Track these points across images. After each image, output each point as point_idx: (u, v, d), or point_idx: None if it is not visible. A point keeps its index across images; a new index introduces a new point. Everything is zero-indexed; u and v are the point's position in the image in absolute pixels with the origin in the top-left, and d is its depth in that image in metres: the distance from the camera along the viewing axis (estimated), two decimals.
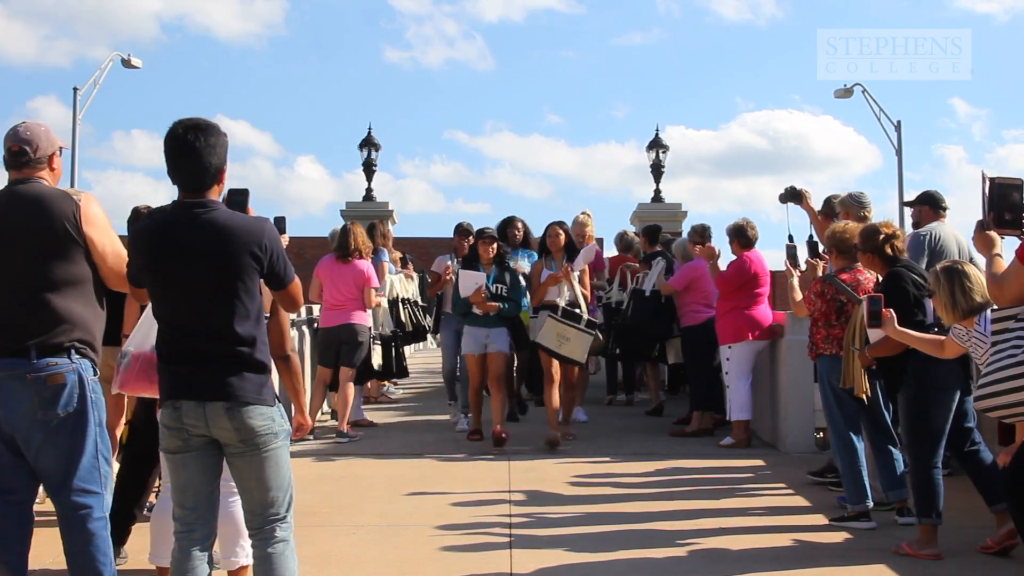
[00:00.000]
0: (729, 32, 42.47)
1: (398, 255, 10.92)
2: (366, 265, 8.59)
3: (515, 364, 9.53)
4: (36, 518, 3.87)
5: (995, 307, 4.47)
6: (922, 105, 32.54)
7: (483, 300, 7.94)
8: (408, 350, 11.96)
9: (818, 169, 43.24)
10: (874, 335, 5.33)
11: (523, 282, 8.56)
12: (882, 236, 5.42)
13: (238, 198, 4.82)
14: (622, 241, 11.16)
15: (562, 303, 7.98)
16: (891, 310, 4.97)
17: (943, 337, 4.91)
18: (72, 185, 17.55)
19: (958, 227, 7.04)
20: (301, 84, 42.93)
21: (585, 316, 8.01)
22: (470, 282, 7.97)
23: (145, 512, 4.97)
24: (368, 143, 21.83)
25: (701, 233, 9.07)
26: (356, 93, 42.82)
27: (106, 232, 3.76)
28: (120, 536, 4.59)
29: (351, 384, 8.61)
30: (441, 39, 43.50)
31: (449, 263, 9.24)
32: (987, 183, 4.34)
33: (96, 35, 44.37)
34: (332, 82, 43.11)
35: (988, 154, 42.49)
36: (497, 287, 8.07)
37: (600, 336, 8.33)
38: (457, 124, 45.80)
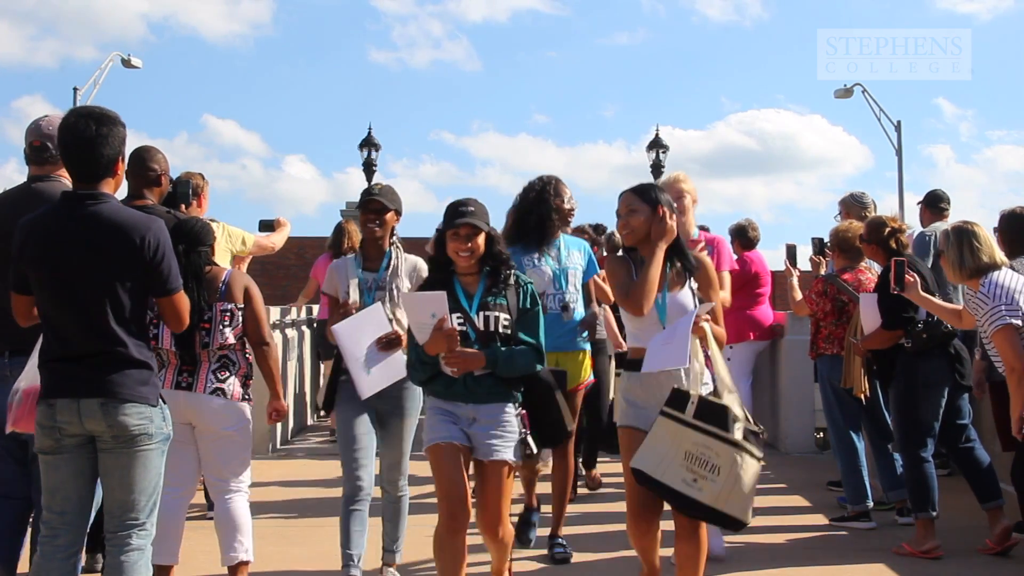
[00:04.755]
0: (714, 33, 42.54)
1: None
2: None
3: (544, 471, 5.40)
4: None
5: None
6: (909, 105, 32.56)
7: (453, 348, 3.73)
8: None
9: (808, 169, 43.28)
10: (868, 327, 5.34)
11: (559, 303, 4.96)
12: (888, 230, 5.45)
13: (182, 189, 4.64)
14: (609, 243, 9.45)
15: (693, 386, 3.62)
16: (915, 275, 4.98)
17: (960, 307, 4.91)
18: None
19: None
20: (289, 84, 42.93)
21: (739, 412, 3.54)
22: (423, 312, 3.75)
23: None
24: (368, 143, 21.93)
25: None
26: (345, 93, 42.86)
27: None
28: None
29: None
30: (427, 40, 43.54)
31: (353, 282, 4.46)
32: None
33: (83, 35, 44.25)
34: (320, 82, 43.15)
35: (976, 154, 42.52)
36: (485, 317, 3.83)
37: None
38: (443, 124, 45.78)
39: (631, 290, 3.77)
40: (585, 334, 5.07)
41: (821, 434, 8.13)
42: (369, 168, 21.91)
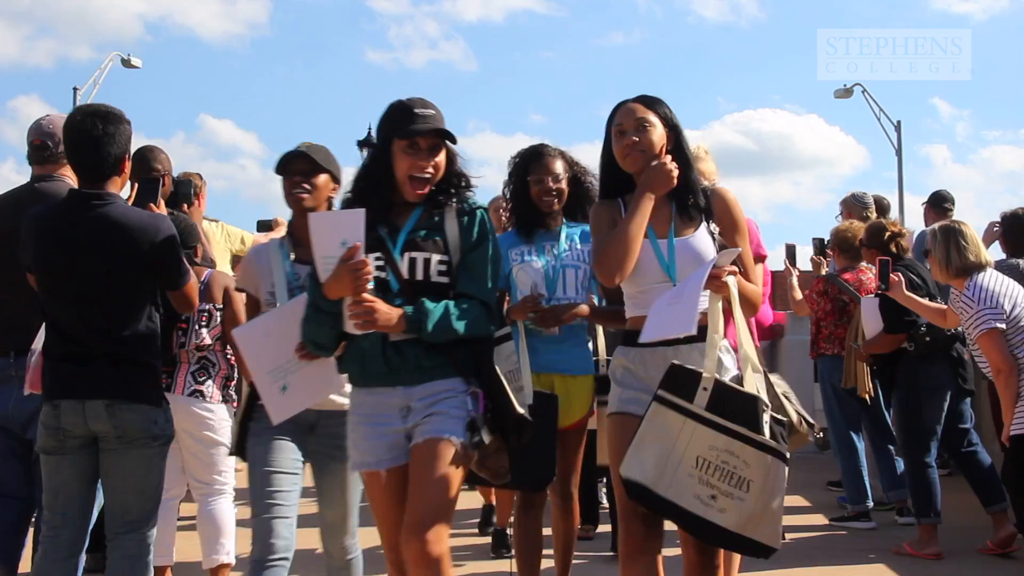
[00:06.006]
0: (711, 33, 42.76)
1: None
2: None
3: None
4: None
5: None
6: (906, 105, 32.76)
7: (360, 291, 2.57)
8: None
9: (805, 169, 43.38)
10: (870, 331, 5.34)
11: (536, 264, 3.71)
12: (888, 234, 5.47)
13: (184, 189, 4.27)
14: None
15: (709, 363, 2.66)
16: (899, 274, 4.99)
17: (946, 306, 4.93)
18: None
19: None
20: (285, 84, 43.24)
21: (765, 399, 2.71)
22: (333, 240, 2.59)
23: None
24: (368, 143, 21.84)
25: None
26: (341, 93, 43.19)
27: None
28: None
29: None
30: (423, 40, 43.87)
31: (279, 278, 3.23)
32: None
33: (79, 35, 44.33)
34: (317, 82, 43.45)
35: (972, 154, 42.59)
36: (411, 261, 2.70)
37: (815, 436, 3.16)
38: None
39: (601, 249, 2.83)
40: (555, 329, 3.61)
41: (821, 434, 8.12)
42: None
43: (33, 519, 3.79)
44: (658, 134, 2.87)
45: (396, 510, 2.68)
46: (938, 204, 7.13)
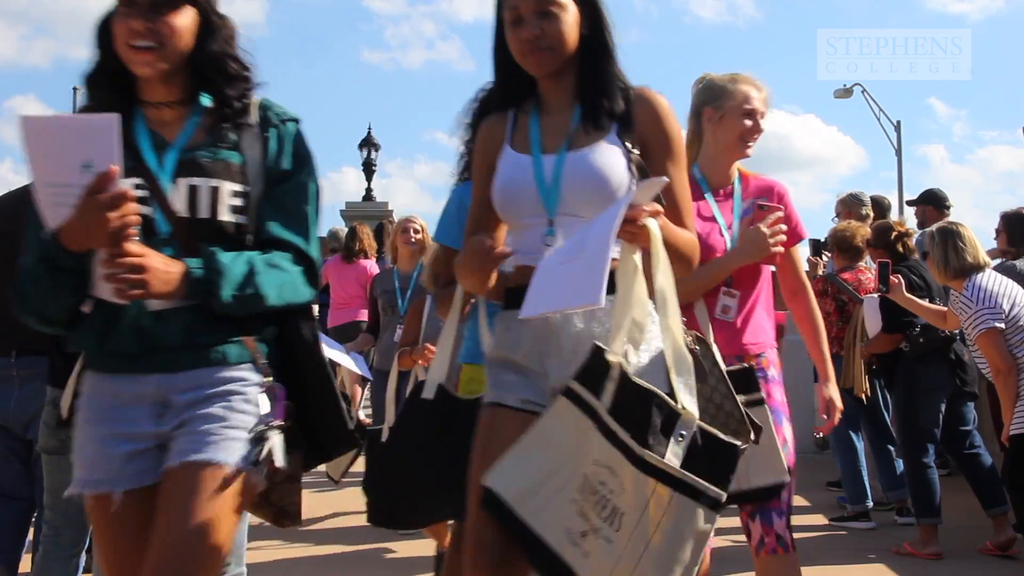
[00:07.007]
0: (708, 33, 42.96)
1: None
2: (370, 264, 8.70)
3: None
4: None
5: None
6: (903, 105, 32.96)
7: (122, 239, 1.68)
8: None
9: (803, 169, 43.53)
10: (872, 330, 5.35)
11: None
12: (894, 234, 5.49)
13: None
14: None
15: (616, 339, 1.79)
16: (899, 276, 5.01)
17: (946, 308, 4.94)
18: None
19: None
20: (282, 84, 43.53)
21: (687, 402, 1.75)
22: (67, 158, 1.67)
23: None
24: (368, 143, 21.91)
25: None
26: (338, 93, 43.54)
27: None
28: None
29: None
30: (420, 40, 44.17)
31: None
32: None
33: (76, 34, 44.60)
34: (314, 83, 43.81)
35: (969, 154, 42.74)
36: (191, 189, 1.84)
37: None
38: (437, 124, 46.38)
39: (464, 254, 2.00)
40: None
41: (820, 434, 8.13)
42: (368, 168, 21.89)
43: (33, 519, 3.79)
44: (569, 21, 1.96)
45: (132, 557, 1.83)
46: (939, 203, 7.13)
